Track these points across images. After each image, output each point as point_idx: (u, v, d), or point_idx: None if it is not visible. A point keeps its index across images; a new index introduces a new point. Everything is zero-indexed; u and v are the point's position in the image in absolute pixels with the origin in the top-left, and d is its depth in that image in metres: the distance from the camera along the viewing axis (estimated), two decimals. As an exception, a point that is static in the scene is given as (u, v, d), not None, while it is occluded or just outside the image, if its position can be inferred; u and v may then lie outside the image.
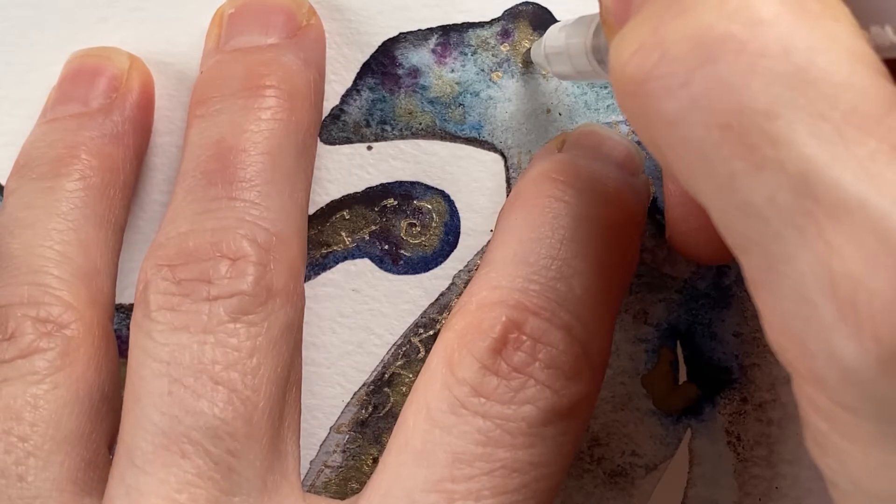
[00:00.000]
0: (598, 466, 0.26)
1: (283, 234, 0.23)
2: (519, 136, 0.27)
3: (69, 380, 0.23)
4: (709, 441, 0.26)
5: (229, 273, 0.22)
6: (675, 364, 0.26)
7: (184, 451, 0.21)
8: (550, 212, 0.23)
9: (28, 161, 0.26)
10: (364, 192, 0.27)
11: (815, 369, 0.15)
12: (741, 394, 0.26)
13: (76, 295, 0.24)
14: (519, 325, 0.22)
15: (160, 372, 0.22)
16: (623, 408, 0.26)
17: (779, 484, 0.26)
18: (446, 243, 0.27)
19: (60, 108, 0.26)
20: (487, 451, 0.21)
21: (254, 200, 0.23)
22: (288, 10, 0.26)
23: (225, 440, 0.21)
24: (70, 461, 0.23)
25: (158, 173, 0.28)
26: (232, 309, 0.22)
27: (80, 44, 0.27)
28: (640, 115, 0.16)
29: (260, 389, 0.22)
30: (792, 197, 0.14)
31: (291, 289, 0.23)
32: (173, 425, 0.21)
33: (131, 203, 0.27)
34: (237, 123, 0.24)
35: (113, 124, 0.26)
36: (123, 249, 0.27)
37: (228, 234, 0.23)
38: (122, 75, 0.26)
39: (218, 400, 0.21)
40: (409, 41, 0.27)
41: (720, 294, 0.26)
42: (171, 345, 0.22)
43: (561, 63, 0.24)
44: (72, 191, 0.25)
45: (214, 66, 0.25)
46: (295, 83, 0.25)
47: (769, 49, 0.15)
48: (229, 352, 0.22)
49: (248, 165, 0.23)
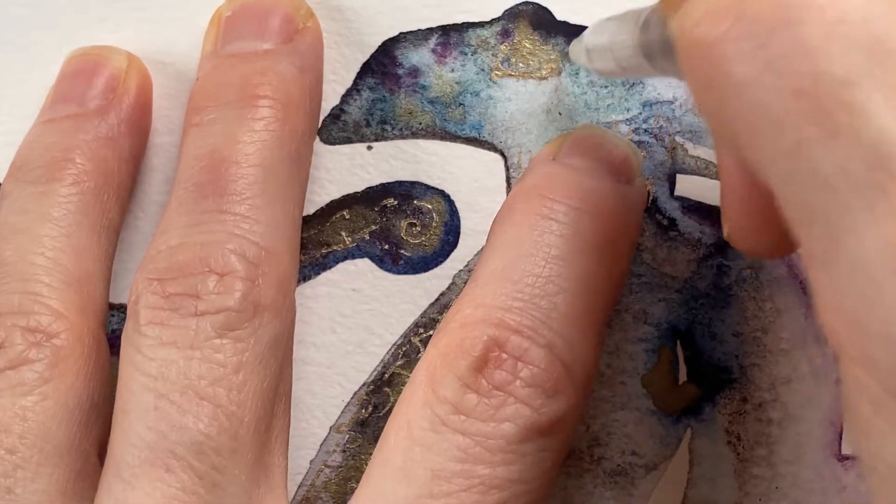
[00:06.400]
0: (598, 466, 0.26)
1: (272, 248, 0.23)
2: (519, 135, 0.27)
3: (58, 391, 0.23)
4: (709, 441, 0.26)
5: (217, 288, 0.22)
6: (675, 364, 0.26)
7: (169, 465, 0.21)
8: (537, 229, 0.23)
9: (23, 164, 0.26)
10: (364, 191, 0.27)
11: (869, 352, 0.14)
12: (741, 393, 0.26)
13: (67, 303, 0.24)
14: (500, 344, 0.22)
15: (148, 386, 0.22)
16: (623, 408, 0.26)
17: (779, 484, 0.26)
18: (446, 243, 0.27)
19: (57, 108, 0.26)
20: (466, 467, 0.21)
21: (244, 214, 0.23)
22: (285, 13, 0.26)
23: (209, 455, 0.22)
24: (59, 472, 0.23)
25: (158, 173, 0.28)
26: (219, 325, 0.22)
27: (80, 43, 0.28)
28: (707, 79, 0.16)
29: (245, 405, 0.22)
30: (864, 168, 0.14)
31: (280, 303, 0.23)
32: (159, 440, 0.22)
33: (131, 204, 0.27)
34: (230, 134, 0.24)
35: (109, 126, 0.26)
36: (123, 249, 0.27)
37: (217, 248, 0.23)
38: (119, 75, 0.26)
39: (203, 416, 0.22)
40: (409, 41, 0.27)
41: (720, 294, 0.26)
42: (159, 360, 0.22)
43: (604, 60, 0.23)
44: (65, 196, 0.25)
45: (210, 74, 0.25)
46: (289, 92, 0.25)
47: (849, 15, 0.14)
48: (215, 367, 0.22)
49: (239, 178, 0.23)
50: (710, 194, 0.27)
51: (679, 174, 0.27)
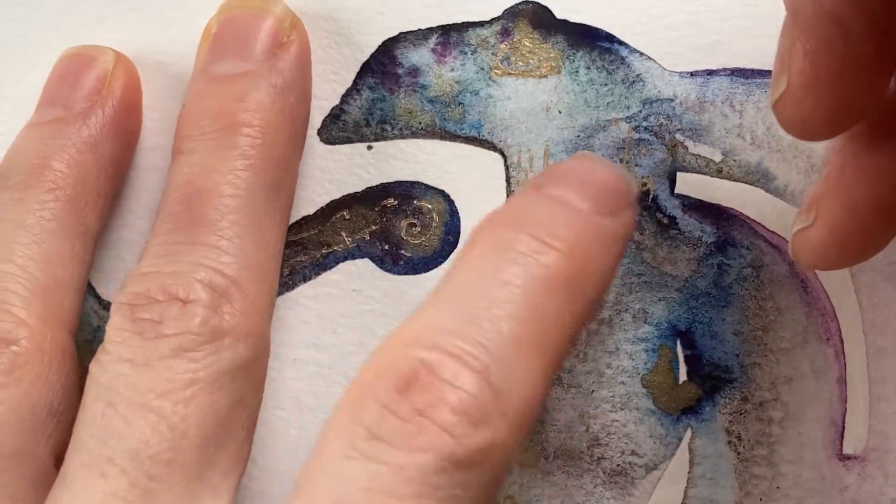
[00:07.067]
0: (598, 466, 0.26)
1: (240, 279, 0.23)
2: (519, 134, 0.27)
3: (11, 397, 0.23)
4: (709, 441, 0.26)
5: (178, 314, 0.23)
6: (675, 364, 0.26)
7: (104, 471, 0.22)
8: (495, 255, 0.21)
9: (5, 170, 0.26)
10: (364, 191, 0.27)
11: None
12: (742, 393, 0.26)
13: (30, 311, 0.24)
14: (430, 366, 0.19)
15: (99, 396, 0.22)
16: (623, 408, 0.26)
17: (780, 483, 0.26)
18: (447, 243, 0.27)
19: (44, 112, 0.26)
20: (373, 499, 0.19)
21: (213, 244, 0.23)
22: (270, 28, 0.26)
23: (145, 463, 0.22)
24: (9, 477, 0.23)
25: (159, 173, 0.28)
26: (174, 346, 0.22)
27: (80, 43, 0.28)
28: None
29: (190, 419, 0.22)
30: None
31: (244, 330, 0.23)
32: (99, 447, 0.22)
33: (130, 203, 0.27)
34: (206, 164, 0.24)
35: (89, 131, 0.26)
36: (125, 249, 0.27)
37: (183, 278, 0.23)
38: (105, 76, 0.26)
39: (145, 425, 0.22)
40: (408, 41, 0.27)
41: (721, 293, 0.26)
42: (112, 373, 0.22)
43: None
44: (40, 203, 0.25)
45: (193, 100, 0.25)
46: (267, 117, 0.25)
47: None
48: (164, 382, 0.22)
49: (210, 209, 0.24)
50: (710, 192, 0.27)
51: (679, 172, 0.27)
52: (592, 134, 0.27)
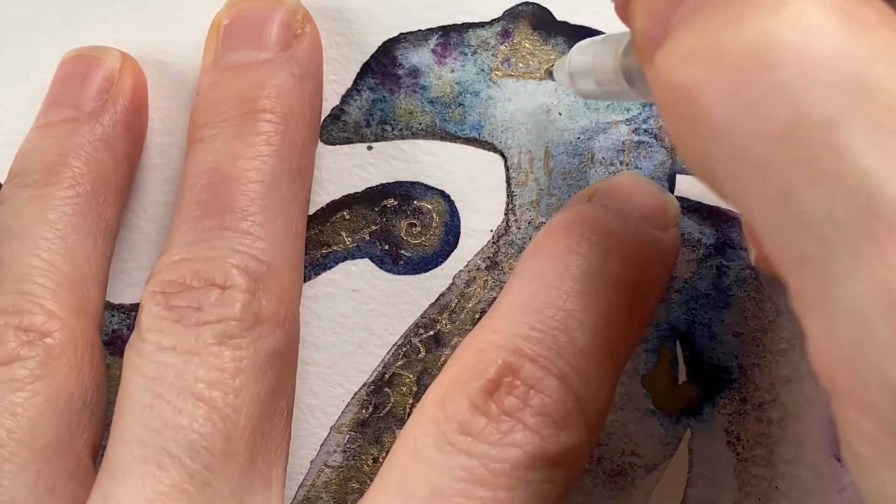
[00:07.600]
0: (598, 466, 0.26)
1: (274, 264, 0.23)
2: (519, 135, 0.27)
3: (48, 388, 0.23)
4: (709, 441, 0.26)
5: (218, 301, 0.23)
6: (674, 364, 0.26)
7: (161, 463, 0.21)
8: (562, 262, 0.22)
9: (20, 170, 0.26)
10: (364, 192, 0.27)
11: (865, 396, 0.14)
12: (741, 394, 0.26)
13: (60, 304, 0.24)
14: (514, 370, 0.21)
15: (145, 388, 0.22)
16: (623, 408, 0.26)
17: (779, 484, 0.26)
18: (446, 243, 0.27)
19: (52, 113, 0.26)
20: (468, 487, 0.20)
21: (245, 230, 0.23)
22: (282, 20, 0.26)
23: (202, 455, 0.21)
24: (48, 469, 0.23)
25: (159, 173, 0.28)
26: (218, 333, 0.22)
27: (80, 44, 0.28)
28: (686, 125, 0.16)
29: (241, 410, 0.22)
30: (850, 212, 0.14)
31: (282, 316, 0.23)
32: (152, 438, 0.22)
33: (132, 203, 0.27)
34: (231, 151, 0.24)
35: (104, 129, 0.26)
36: (124, 249, 0.27)
37: (219, 263, 0.23)
38: (113, 76, 0.26)
39: (198, 416, 0.22)
40: (409, 41, 0.27)
41: (720, 294, 0.26)
42: (157, 363, 0.22)
43: (585, 82, 0.24)
44: (61, 199, 0.25)
45: (210, 89, 0.25)
46: (289, 103, 0.25)
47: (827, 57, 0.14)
48: (213, 371, 0.22)
49: (240, 195, 0.24)
50: (709, 194, 0.27)
51: (679, 174, 0.27)
52: (593, 136, 0.27)
